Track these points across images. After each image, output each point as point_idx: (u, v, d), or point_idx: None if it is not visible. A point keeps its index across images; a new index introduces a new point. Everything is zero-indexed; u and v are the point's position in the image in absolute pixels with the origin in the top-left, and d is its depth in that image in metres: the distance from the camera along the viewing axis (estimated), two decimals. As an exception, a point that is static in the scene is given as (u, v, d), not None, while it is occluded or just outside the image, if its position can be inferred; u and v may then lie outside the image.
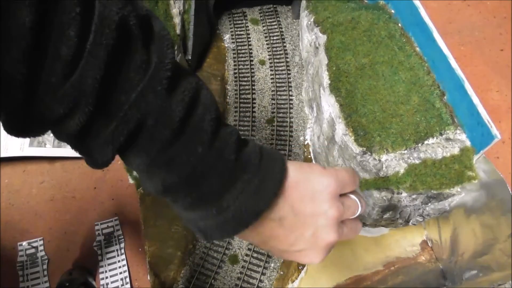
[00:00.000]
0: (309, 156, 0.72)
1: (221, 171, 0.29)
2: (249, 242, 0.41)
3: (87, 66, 0.23)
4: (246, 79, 0.78)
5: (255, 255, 0.63)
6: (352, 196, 0.34)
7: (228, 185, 0.29)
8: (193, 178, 0.29)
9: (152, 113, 0.26)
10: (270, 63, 0.80)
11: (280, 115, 0.75)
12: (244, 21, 0.85)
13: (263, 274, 0.61)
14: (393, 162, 0.48)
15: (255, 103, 0.76)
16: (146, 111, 0.26)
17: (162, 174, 0.28)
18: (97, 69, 0.24)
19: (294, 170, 0.31)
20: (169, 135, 0.27)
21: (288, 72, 0.79)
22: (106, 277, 0.60)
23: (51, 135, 0.70)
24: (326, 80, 0.56)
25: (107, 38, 0.24)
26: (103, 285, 0.60)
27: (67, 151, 0.70)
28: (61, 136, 0.27)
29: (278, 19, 0.86)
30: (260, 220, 0.30)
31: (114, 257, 0.62)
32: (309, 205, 0.31)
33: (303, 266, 0.62)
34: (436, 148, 0.48)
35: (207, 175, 0.29)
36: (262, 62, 0.80)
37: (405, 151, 0.48)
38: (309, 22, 0.66)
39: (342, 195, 0.33)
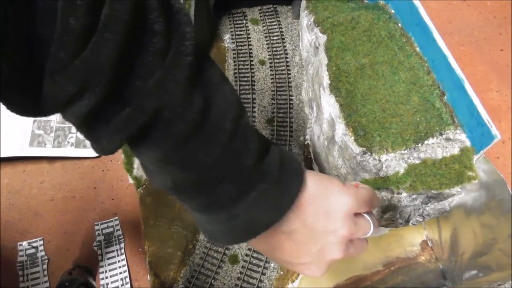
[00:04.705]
0: (309, 156, 0.72)
1: (237, 177, 0.27)
2: (253, 248, 0.40)
3: (101, 41, 0.21)
4: (246, 79, 0.78)
5: (255, 255, 0.63)
6: (366, 216, 0.33)
7: (243, 193, 0.27)
8: (207, 180, 0.27)
9: (170, 104, 0.24)
10: (270, 63, 0.80)
11: (280, 115, 0.75)
12: (244, 21, 0.85)
13: (263, 274, 0.61)
14: (393, 162, 0.48)
15: (255, 103, 0.76)
16: (164, 101, 0.23)
17: (174, 171, 0.26)
18: (111, 46, 0.21)
19: (312, 184, 0.30)
20: (186, 131, 0.25)
21: (288, 72, 0.79)
22: (106, 277, 0.60)
23: (51, 135, 0.70)
24: (326, 80, 0.56)
25: (125, 9, 0.21)
26: (103, 285, 0.60)
27: (67, 151, 0.69)
28: (70, 119, 0.24)
29: (278, 19, 0.86)
30: (269, 231, 0.29)
31: (114, 257, 0.62)
32: (322, 221, 0.30)
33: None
34: (436, 148, 0.48)
35: (222, 179, 0.27)
36: (262, 62, 0.80)
37: (405, 151, 0.48)
38: (309, 22, 0.66)
39: (356, 214, 0.32)
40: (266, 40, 0.83)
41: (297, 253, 0.31)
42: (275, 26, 0.85)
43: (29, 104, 0.22)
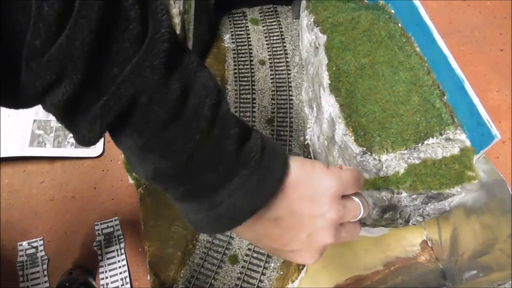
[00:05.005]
0: (309, 156, 0.72)
1: (218, 163, 0.27)
2: (241, 237, 0.39)
3: (76, 27, 0.21)
4: (246, 79, 0.78)
5: (255, 255, 0.63)
6: (355, 198, 0.32)
7: (224, 180, 0.27)
8: (188, 168, 0.26)
9: (147, 90, 0.24)
10: (270, 63, 0.80)
11: (280, 115, 0.75)
12: (244, 21, 0.85)
13: (263, 274, 0.61)
14: (393, 162, 0.48)
15: (255, 103, 0.76)
16: (141, 87, 0.23)
17: (154, 159, 0.26)
18: (87, 32, 0.21)
19: (296, 168, 0.29)
20: (164, 117, 0.25)
21: (288, 72, 0.79)
22: (106, 277, 0.60)
23: (51, 135, 0.70)
24: (326, 80, 0.56)
25: None
26: (103, 285, 0.60)
27: (67, 151, 0.69)
28: (50, 109, 0.24)
29: (278, 19, 0.86)
30: (254, 218, 0.29)
31: (114, 257, 0.62)
32: (308, 206, 0.29)
33: (303, 266, 0.62)
34: (436, 148, 0.48)
35: (203, 166, 0.26)
36: (262, 62, 0.80)
37: (405, 151, 0.48)
38: (309, 22, 0.66)
39: (344, 197, 0.31)
40: (266, 40, 0.83)
41: (286, 240, 0.30)
42: (275, 26, 0.85)
43: (9, 95, 0.22)
